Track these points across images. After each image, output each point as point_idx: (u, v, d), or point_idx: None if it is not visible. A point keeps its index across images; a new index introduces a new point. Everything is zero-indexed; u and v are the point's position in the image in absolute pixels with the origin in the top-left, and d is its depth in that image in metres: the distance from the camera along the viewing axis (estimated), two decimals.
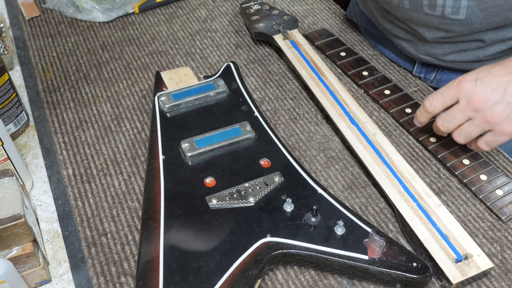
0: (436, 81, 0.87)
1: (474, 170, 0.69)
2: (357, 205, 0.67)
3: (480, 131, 0.63)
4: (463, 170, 0.70)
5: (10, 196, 0.57)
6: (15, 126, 0.76)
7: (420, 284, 0.57)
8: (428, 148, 0.73)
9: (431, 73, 0.86)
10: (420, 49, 0.81)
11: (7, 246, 0.56)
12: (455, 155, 0.71)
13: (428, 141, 0.73)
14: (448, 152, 0.72)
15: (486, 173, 0.69)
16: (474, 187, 0.68)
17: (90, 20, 0.98)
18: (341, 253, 0.58)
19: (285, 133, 0.77)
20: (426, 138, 0.74)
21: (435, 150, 0.72)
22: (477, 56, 0.78)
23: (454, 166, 0.70)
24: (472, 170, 0.69)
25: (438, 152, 0.72)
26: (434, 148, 0.72)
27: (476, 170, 0.69)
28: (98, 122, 0.79)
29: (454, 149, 0.72)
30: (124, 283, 0.60)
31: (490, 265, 0.58)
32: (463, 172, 0.69)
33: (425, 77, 0.87)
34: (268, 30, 0.90)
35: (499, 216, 0.65)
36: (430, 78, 0.87)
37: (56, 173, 0.72)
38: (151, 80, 0.86)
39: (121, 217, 0.66)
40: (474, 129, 0.62)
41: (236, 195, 0.63)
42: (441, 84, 0.86)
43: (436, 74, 0.86)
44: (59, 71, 0.88)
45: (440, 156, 0.71)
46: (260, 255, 0.57)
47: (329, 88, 0.79)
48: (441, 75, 0.86)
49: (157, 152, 0.69)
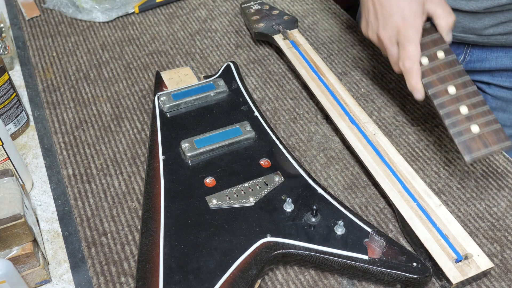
0: (465, 63, 0.85)
1: (457, 100, 0.62)
2: (357, 205, 0.67)
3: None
4: (444, 100, 0.63)
5: (10, 196, 0.57)
6: (15, 126, 0.76)
7: (420, 284, 0.57)
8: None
9: (460, 55, 0.84)
10: (457, 25, 0.78)
11: (7, 246, 0.56)
12: (442, 80, 0.64)
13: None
14: (436, 77, 0.65)
15: (470, 105, 0.62)
16: (448, 120, 0.62)
17: (90, 20, 0.98)
18: (341, 253, 0.58)
19: (285, 133, 0.77)
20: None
21: (423, 74, 0.66)
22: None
23: (435, 94, 0.64)
24: (455, 100, 0.63)
25: (424, 76, 0.65)
26: (424, 71, 0.66)
27: (459, 100, 0.62)
28: (98, 122, 0.79)
29: (443, 74, 0.65)
30: (124, 283, 0.60)
31: (490, 265, 0.58)
32: (443, 102, 0.63)
33: None
34: (268, 30, 0.90)
35: (464, 156, 0.60)
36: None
37: (56, 173, 0.72)
38: (151, 80, 0.86)
39: (121, 217, 0.66)
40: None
41: (236, 195, 0.63)
42: (471, 65, 0.84)
43: (465, 55, 0.84)
44: (59, 71, 0.88)
45: (425, 81, 0.65)
46: (260, 255, 0.57)
47: (329, 88, 0.79)
48: (471, 55, 0.84)
49: (157, 152, 0.69)
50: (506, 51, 0.82)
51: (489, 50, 0.83)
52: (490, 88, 0.88)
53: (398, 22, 0.66)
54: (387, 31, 0.67)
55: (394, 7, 0.66)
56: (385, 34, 0.68)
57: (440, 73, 0.64)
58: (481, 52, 0.84)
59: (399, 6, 0.66)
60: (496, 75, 0.86)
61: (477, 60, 0.85)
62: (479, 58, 0.84)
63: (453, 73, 0.64)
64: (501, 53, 0.83)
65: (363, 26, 0.72)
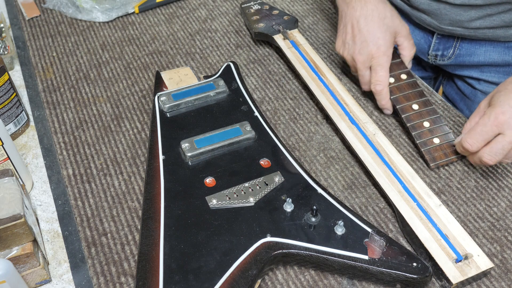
0: (455, 57, 0.87)
1: (420, 116, 0.73)
2: (357, 205, 0.67)
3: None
4: (409, 114, 0.73)
5: (10, 196, 0.57)
6: (15, 126, 0.76)
7: (420, 284, 0.57)
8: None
9: (449, 49, 0.87)
10: (444, 17, 0.81)
11: (7, 246, 0.56)
12: (407, 99, 0.75)
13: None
14: (401, 95, 0.75)
15: (430, 121, 0.73)
16: (415, 131, 0.72)
17: (90, 20, 0.98)
18: (341, 253, 0.58)
19: (285, 133, 0.77)
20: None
21: (391, 91, 0.76)
22: (503, 20, 0.77)
23: (402, 109, 0.74)
24: (419, 115, 0.73)
25: (392, 93, 0.76)
26: (391, 88, 0.76)
27: (422, 116, 0.73)
28: (98, 122, 0.79)
29: (407, 93, 0.75)
30: (124, 283, 0.60)
31: (490, 265, 0.58)
32: (409, 116, 0.73)
33: (442, 54, 0.87)
34: (268, 30, 0.90)
35: (428, 162, 0.70)
36: (447, 55, 0.87)
37: (56, 173, 0.72)
38: (151, 80, 0.86)
39: (121, 217, 0.66)
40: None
41: (236, 195, 0.63)
42: (460, 59, 0.87)
43: (455, 49, 0.86)
44: (59, 71, 0.88)
45: (393, 97, 0.75)
46: (260, 255, 0.57)
47: (329, 88, 0.79)
48: (460, 49, 0.86)
49: (157, 152, 0.69)
50: (494, 46, 0.83)
51: (478, 44, 0.84)
52: (480, 84, 0.89)
53: (372, 50, 0.75)
54: (363, 55, 0.76)
55: (371, 36, 0.75)
56: (360, 58, 0.76)
57: (404, 92, 0.76)
58: (470, 46, 0.85)
59: (375, 36, 0.75)
60: (485, 70, 0.87)
61: (466, 54, 0.86)
62: (468, 52, 0.85)
63: (415, 93, 0.76)
64: (489, 47, 0.84)
65: (338, 45, 0.80)
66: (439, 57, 0.89)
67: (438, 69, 0.97)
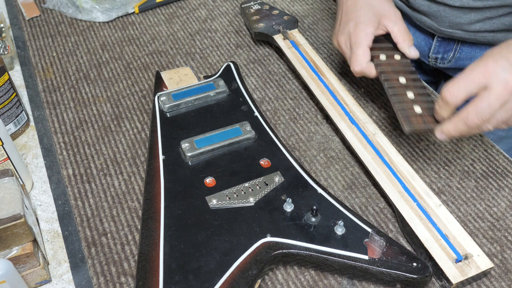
0: (455, 60, 0.86)
1: (406, 88, 0.69)
2: (357, 205, 0.67)
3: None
4: (395, 86, 0.69)
5: (10, 196, 0.57)
6: (15, 126, 0.76)
7: (420, 284, 0.57)
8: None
9: (450, 52, 0.86)
10: (444, 20, 0.80)
11: (7, 246, 0.56)
12: (396, 72, 0.70)
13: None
14: (391, 69, 0.71)
15: (416, 94, 0.67)
16: (396, 99, 0.67)
17: (90, 20, 0.98)
18: (341, 253, 0.58)
19: (285, 133, 0.77)
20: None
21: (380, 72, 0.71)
22: (503, 23, 0.77)
23: (388, 79, 0.69)
24: (404, 87, 0.69)
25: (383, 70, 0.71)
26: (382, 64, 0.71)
27: (407, 88, 0.68)
28: (98, 122, 0.79)
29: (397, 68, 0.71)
30: (124, 283, 0.60)
31: (490, 265, 0.58)
32: (393, 85, 0.69)
33: (442, 57, 0.87)
34: (268, 30, 0.90)
35: (404, 126, 0.64)
36: (448, 58, 0.87)
37: (56, 173, 0.72)
38: (151, 80, 0.86)
39: (121, 217, 0.66)
40: (506, 113, 0.58)
41: (236, 195, 0.63)
42: (460, 63, 0.86)
43: (455, 52, 0.85)
44: (59, 71, 0.88)
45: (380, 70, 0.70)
46: (260, 255, 0.57)
47: (329, 88, 0.79)
48: (460, 52, 0.85)
49: (157, 152, 0.69)
50: None
51: (478, 48, 0.84)
52: None
53: (350, 28, 0.72)
54: (344, 34, 0.74)
55: (353, 14, 0.73)
56: (341, 39, 0.74)
57: (394, 67, 0.71)
58: (470, 50, 0.85)
59: (356, 14, 0.73)
60: None
61: (466, 58, 0.86)
62: (468, 56, 0.85)
63: (405, 70, 0.71)
64: None
65: (333, 37, 0.78)
66: (439, 60, 0.88)
67: (439, 73, 0.97)
